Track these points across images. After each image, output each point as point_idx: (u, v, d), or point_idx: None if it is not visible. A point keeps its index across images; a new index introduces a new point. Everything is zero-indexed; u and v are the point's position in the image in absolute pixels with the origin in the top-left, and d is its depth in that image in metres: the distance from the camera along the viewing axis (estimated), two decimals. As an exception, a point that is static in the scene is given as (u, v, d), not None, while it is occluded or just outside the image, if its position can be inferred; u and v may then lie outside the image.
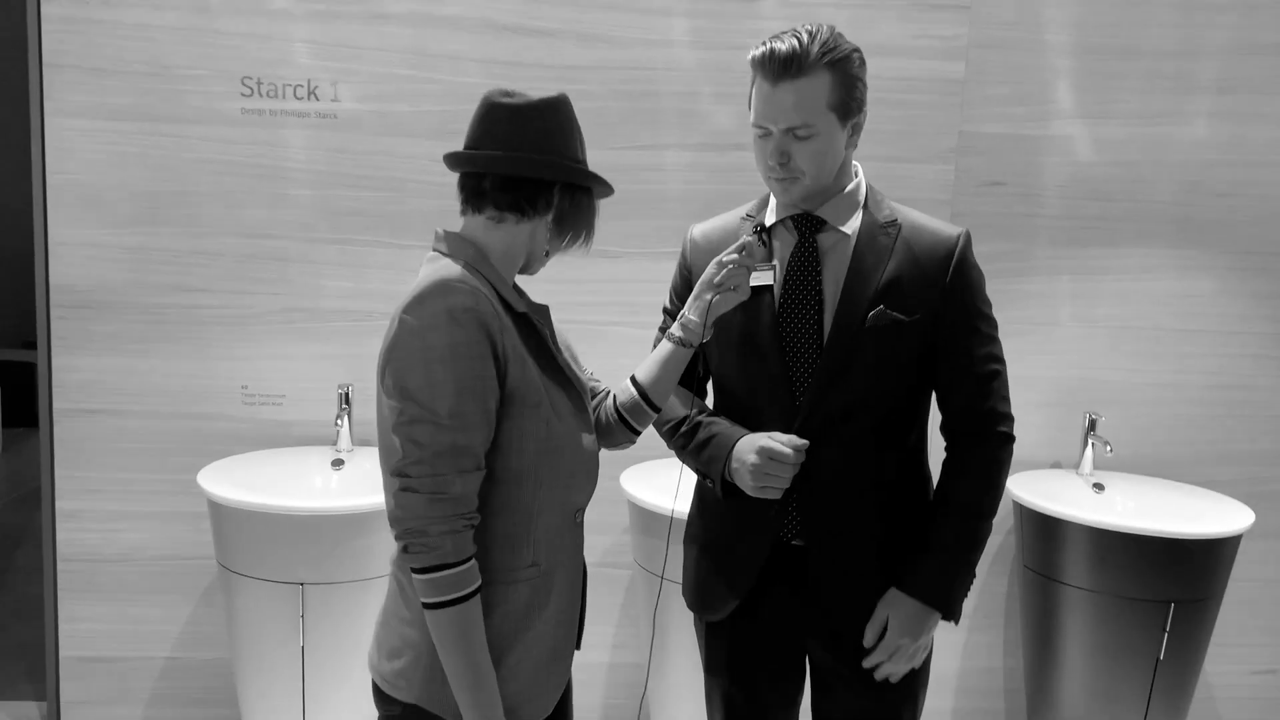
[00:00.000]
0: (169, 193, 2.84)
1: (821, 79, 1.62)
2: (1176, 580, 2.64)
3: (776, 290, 1.75)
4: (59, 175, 2.82)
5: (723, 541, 1.84)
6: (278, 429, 2.94)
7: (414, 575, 1.44)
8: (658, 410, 1.73)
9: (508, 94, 1.53)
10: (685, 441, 1.83)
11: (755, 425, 1.76)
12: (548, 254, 1.63)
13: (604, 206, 2.82)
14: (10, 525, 5.11)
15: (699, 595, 1.89)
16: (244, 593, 2.55)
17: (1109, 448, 2.94)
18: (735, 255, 1.67)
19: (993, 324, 1.76)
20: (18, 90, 3.04)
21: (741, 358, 1.78)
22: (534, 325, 1.57)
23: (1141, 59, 2.94)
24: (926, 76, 2.89)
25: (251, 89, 2.81)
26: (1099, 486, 2.95)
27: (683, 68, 2.87)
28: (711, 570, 1.85)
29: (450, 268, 1.48)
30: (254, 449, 2.91)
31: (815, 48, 1.61)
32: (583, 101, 2.77)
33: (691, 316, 1.69)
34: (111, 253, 2.85)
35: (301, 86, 2.82)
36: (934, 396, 1.81)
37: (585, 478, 1.61)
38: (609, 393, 1.78)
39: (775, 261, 1.77)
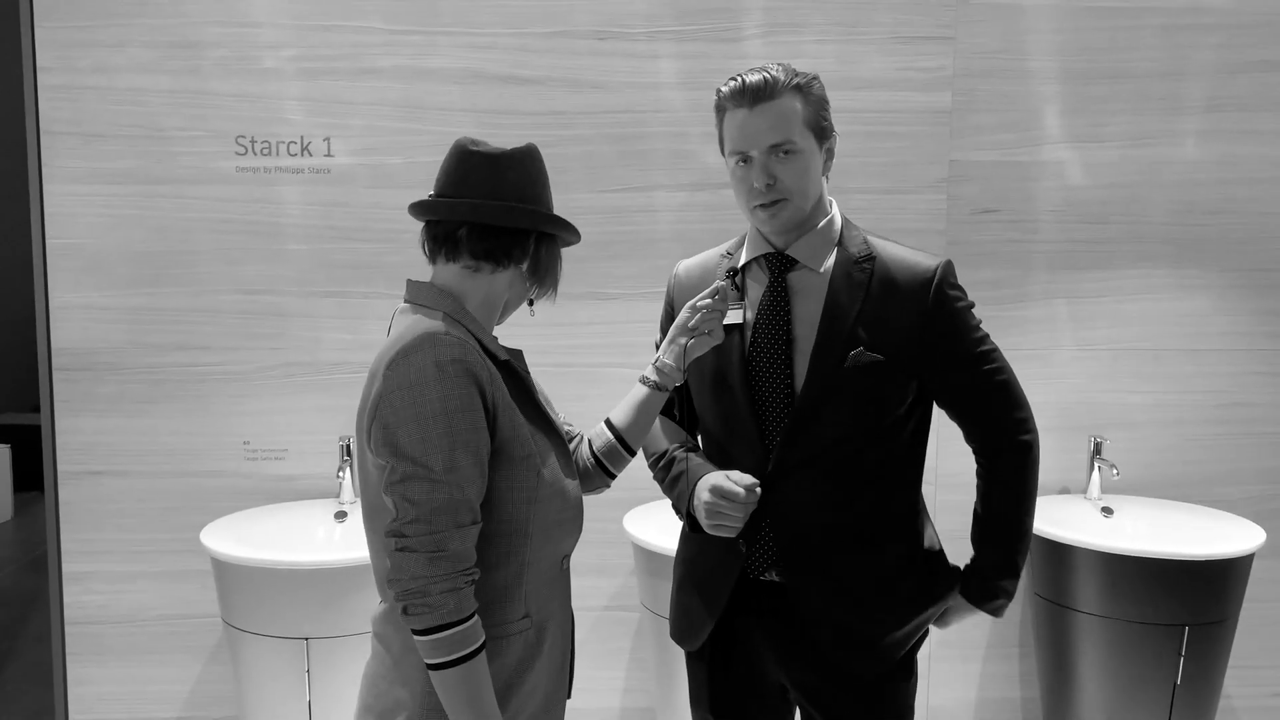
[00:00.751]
0: (167, 253, 2.87)
1: (793, 100, 1.67)
2: (1190, 603, 2.61)
3: (747, 330, 1.75)
4: (58, 240, 2.85)
5: (697, 573, 1.84)
6: (281, 483, 2.94)
7: (416, 637, 1.40)
8: (633, 454, 1.73)
9: (478, 143, 1.53)
10: (663, 475, 1.84)
11: (728, 463, 1.75)
12: (530, 303, 1.62)
13: (597, 249, 2.87)
14: (23, 590, 5.11)
15: (676, 626, 1.90)
16: (249, 650, 2.54)
17: (1115, 471, 2.92)
18: (708, 300, 1.68)
19: (985, 339, 1.75)
20: (16, 158, 3.09)
21: (714, 396, 1.78)
22: (516, 373, 1.55)
23: (1128, 81, 2.95)
24: (914, 108, 2.91)
25: (245, 147, 2.84)
26: (1108, 510, 2.92)
27: (671, 109, 2.89)
28: (687, 601, 1.86)
29: (431, 319, 1.46)
30: (257, 504, 2.91)
31: (782, 75, 1.67)
32: (573, 146, 2.86)
33: (667, 360, 1.70)
34: (112, 314, 2.88)
35: (294, 143, 2.85)
36: (931, 427, 1.81)
37: (572, 525, 1.59)
38: (582, 436, 1.77)
39: (744, 301, 1.77)
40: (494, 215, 1.50)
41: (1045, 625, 2.85)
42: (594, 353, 2.93)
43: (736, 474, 1.69)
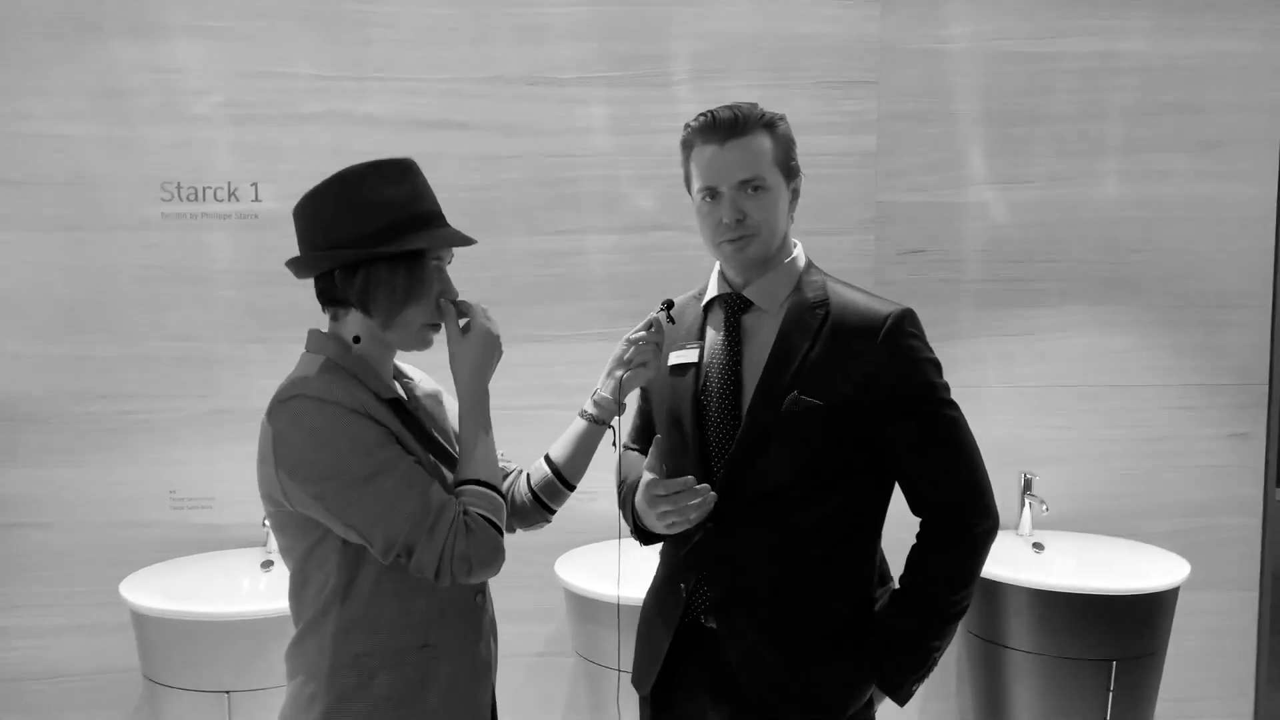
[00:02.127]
0: (93, 301, 2.83)
1: (763, 138, 1.67)
2: (1119, 637, 2.64)
3: (702, 371, 1.74)
4: (-24, 288, 2.80)
5: (649, 616, 1.83)
6: (208, 533, 2.88)
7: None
8: (572, 489, 1.73)
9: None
10: (622, 501, 1.83)
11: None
12: (420, 329, 1.56)
13: (529, 292, 2.87)
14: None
15: (634, 669, 1.86)
16: (170, 705, 2.48)
17: (1045, 506, 2.95)
18: (643, 332, 1.69)
19: (945, 401, 1.67)
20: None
21: (669, 434, 1.78)
22: (405, 409, 1.55)
23: (1049, 124, 3.02)
24: (841, 151, 2.96)
25: (172, 193, 2.82)
26: (1038, 546, 2.95)
27: (602, 153, 2.91)
28: (641, 644, 1.84)
29: (310, 366, 1.49)
30: (184, 554, 2.85)
31: (753, 112, 1.67)
32: (506, 190, 2.87)
33: (604, 394, 1.71)
34: (34, 363, 2.82)
35: (222, 189, 2.83)
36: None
37: None
38: (521, 472, 1.76)
39: (700, 341, 1.76)
40: (296, 269, 1.54)
41: (978, 662, 2.86)
42: (527, 395, 2.91)
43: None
